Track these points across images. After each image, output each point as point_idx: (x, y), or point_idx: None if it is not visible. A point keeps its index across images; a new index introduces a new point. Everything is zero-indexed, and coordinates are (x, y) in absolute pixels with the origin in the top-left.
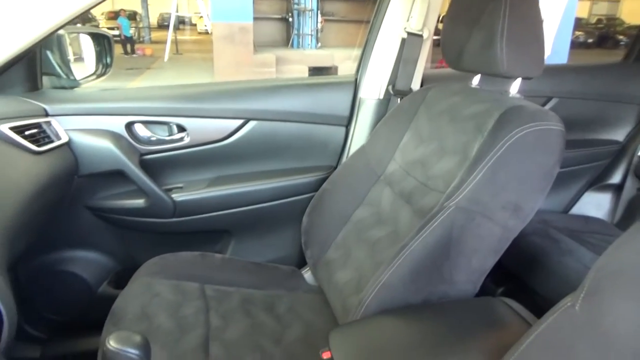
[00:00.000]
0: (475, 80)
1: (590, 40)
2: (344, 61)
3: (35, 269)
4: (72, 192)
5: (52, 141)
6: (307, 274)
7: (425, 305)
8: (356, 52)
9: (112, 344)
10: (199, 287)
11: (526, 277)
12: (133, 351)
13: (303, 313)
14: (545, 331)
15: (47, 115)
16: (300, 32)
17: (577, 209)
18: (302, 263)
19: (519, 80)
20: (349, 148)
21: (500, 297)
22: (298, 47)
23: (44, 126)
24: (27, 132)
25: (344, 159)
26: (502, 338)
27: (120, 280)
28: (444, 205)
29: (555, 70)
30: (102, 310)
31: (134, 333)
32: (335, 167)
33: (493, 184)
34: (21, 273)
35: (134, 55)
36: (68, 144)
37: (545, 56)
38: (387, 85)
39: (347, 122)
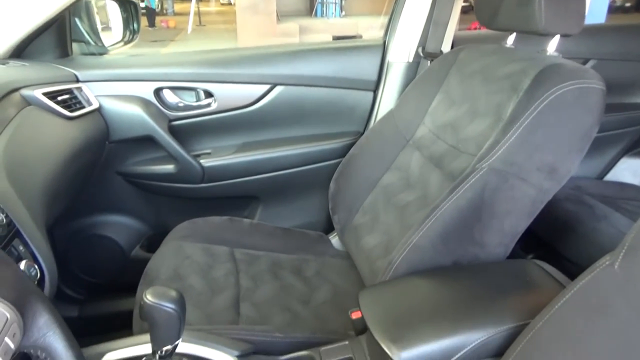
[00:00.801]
0: (510, 39)
1: (628, 4)
2: (368, 30)
3: (70, 233)
4: (104, 158)
5: (83, 107)
6: (334, 240)
7: (456, 266)
8: (382, 20)
9: (149, 298)
10: (228, 250)
11: (557, 243)
12: (170, 305)
13: (331, 276)
14: (582, 290)
15: (77, 81)
16: (324, 0)
17: (612, 176)
18: (329, 229)
19: (556, 39)
20: (377, 113)
21: (532, 260)
22: (322, 15)
23: (76, 92)
24: (59, 98)
25: (372, 124)
26: (536, 299)
27: (152, 244)
28: (476, 167)
29: (594, 30)
30: (135, 273)
31: (170, 289)
32: (363, 133)
33: (528, 144)
34: (58, 237)
35: (157, 28)
36: (99, 110)
37: None
38: (417, 48)
39: (375, 86)
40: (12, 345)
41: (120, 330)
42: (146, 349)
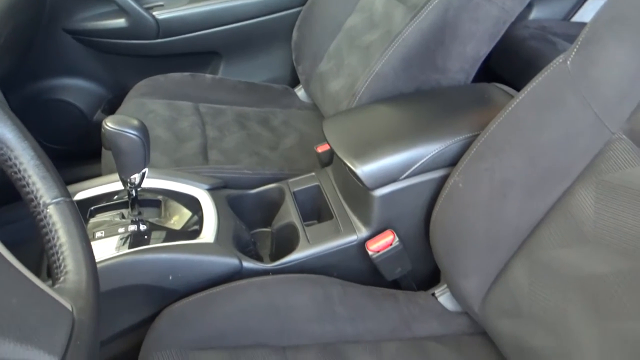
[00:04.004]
0: None
1: None
2: None
3: (26, 98)
4: (48, 14)
5: None
6: (300, 92)
7: (418, 92)
8: None
9: (110, 125)
10: (192, 105)
11: (518, 81)
12: (132, 131)
13: (298, 125)
14: (535, 89)
15: None
16: None
17: (579, 17)
18: (294, 83)
19: None
20: None
21: (494, 83)
22: None
23: None
24: None
25: None
26: (494, 112)
27: (113, 107)
28: None
29: None
30: (99, 138)
31: (130, 117)
32: None
33: None
34: (13, 102)
35: None
36: None
37: None
38: None
39: None
40: None
41: None
42: (117, 186)
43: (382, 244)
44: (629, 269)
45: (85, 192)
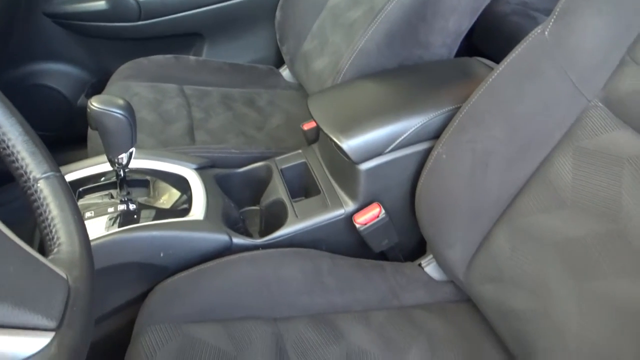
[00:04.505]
0: None
1: None
2: None
3: (7, 84)
4: None
5: None
6: (285, 72)
7: (401, 67)
8: None
9: (95, 104)
10: (177, 87)
11: (501, 58)
12: (118, 111)
13: (283, 105)
14: (514, 61)
15: None
16: None
17: None
18: (279, 63)
19: None
20: None
21: (476, 57)
22: None
23: None
24: None
25: None
26: (476, 84)
27: (97, 91)
28: None
29: None
30: (84, 123)
31: (115, 97)
32: None
33: None
34: None
35: None
36: None
37: None
38: None
39: None
40: None
41: None
42: (104, 167)
43: (369, 216)
44: (606, 231)
45: (73, 173)
